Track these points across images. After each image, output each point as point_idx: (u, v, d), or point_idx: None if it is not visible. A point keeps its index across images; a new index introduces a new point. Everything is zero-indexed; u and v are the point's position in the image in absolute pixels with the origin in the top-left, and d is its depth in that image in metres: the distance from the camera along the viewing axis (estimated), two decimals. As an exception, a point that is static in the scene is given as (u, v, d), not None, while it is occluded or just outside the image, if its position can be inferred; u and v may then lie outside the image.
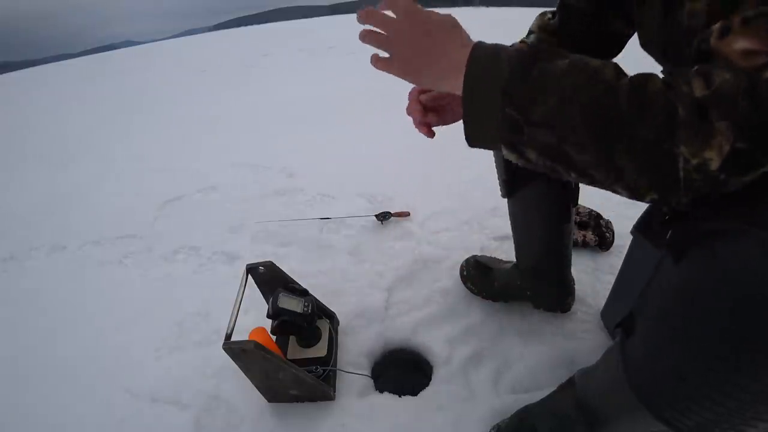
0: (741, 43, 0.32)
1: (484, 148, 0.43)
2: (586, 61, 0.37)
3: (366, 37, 0.45)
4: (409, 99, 0.61)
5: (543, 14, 0.69)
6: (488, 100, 0.38)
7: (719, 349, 0.36)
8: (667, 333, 0.41)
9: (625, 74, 0.36)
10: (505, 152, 0.40)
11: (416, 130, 0.60)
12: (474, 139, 0.42)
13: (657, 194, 0.35)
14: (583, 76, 0.36)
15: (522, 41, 0.69)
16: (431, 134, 0.59)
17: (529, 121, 0.37)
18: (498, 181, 0.90)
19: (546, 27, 0.68)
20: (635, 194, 0.36)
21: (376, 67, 0.46)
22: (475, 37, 0.43)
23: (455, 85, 0.40)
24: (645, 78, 0.34)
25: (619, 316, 0.52)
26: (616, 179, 0.36)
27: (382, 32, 0.44)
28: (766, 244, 0.32)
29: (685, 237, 0.39)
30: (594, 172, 0.37)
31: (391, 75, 0.46)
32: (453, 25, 0.42)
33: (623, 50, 0.68)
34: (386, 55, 0.45)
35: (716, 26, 0.34)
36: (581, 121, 0.35)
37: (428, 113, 0.59)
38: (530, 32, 0.70)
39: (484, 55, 0.39)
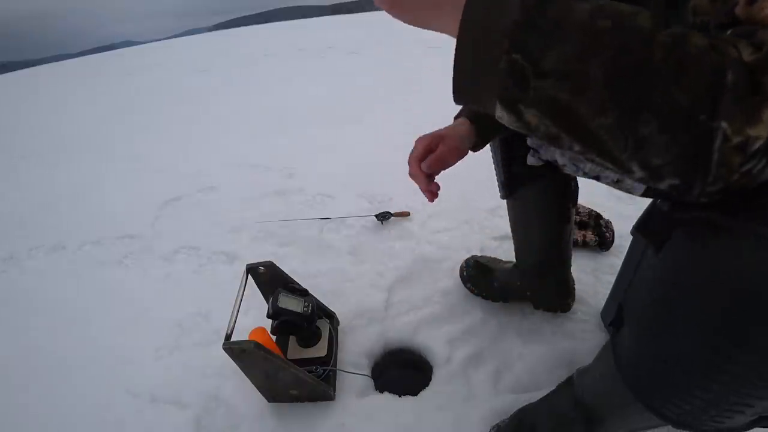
0: None
1: (472, 105, 0.36)
2: (616, 4, 0.30)
3: None
4: (409, 164, 0.66)
5: None
6: (491, 41, 0.31)
7: (702, 335, 0.36)
8: (652, 321, 0.41)
9: (663, 25, 0.29)
10: (499, 113, 0.33)
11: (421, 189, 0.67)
12: (463, 93, 0.34)
13: (679, 178, 0.29)
14: (611, 19, 0.29)
15: None
16: (434, 197, 0.65)
17: (538, 71, 0.30)
18: (497, 182, 0.90)
19: None
20: (653, 175, 0.30)
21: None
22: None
23: (449, 22, 0.33)
24: (686, 32, 0.28)
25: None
26: (634, 152, 0.29)
27: None
28: (760, 239, 0.31)
29: (669, 226, 0.38)
30: (607, 142, 0.30)
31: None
32: None
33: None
34: None
35: None
36: (604, 74, 0.28)
37: (432, 182, 0.65)
38: None
39: None
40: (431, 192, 0.65)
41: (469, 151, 0.72)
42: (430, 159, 0.64)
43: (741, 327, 0.33)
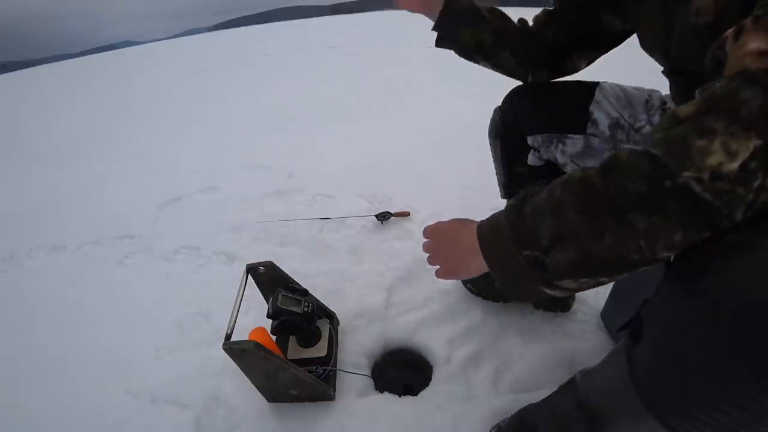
0: (754, 43, 0.31)
1: (526, 298, 0.48)
2: (558, 179, 0.40)
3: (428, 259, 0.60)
4: None
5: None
6: (507, 256, 0.42)
7: (729, 360, 0.35)
8: (679, 344, 0.39)
9: (594, 167, 0.38)
10: (551, 293, 0.42)
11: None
12: (521, 297, 0.47)
13: (707, 230, 0.33)
14: (558, 188, 0.39)
15: (521, 18, 0.74)
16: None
17: (543, 249, 0.39)
18: (497, 183, 0.90)
19: (546, 11, 0.72)
20: (688, 240, 0.34)
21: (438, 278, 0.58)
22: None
23: (482, 264, 0.46)
24: (613, 154, 0.36)
25: (620, 317, 0.51)
26: (653, 242, 0.34)
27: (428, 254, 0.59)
28: None
29: (702, 247, 0.36)
30: (631, 253, 0.35)
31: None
32: (462, 224, 0.53)
33: (626, 53, 0.69)
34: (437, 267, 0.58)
35: (730, 31, 0.33)
36: (580, 216, 0.37)
37: None
38: (536, 16, 0.74)
39: (487, 230, 0.46)
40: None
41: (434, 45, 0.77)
42: None
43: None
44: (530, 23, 0.74)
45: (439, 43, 0.76)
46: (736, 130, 0.30)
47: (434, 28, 0.74)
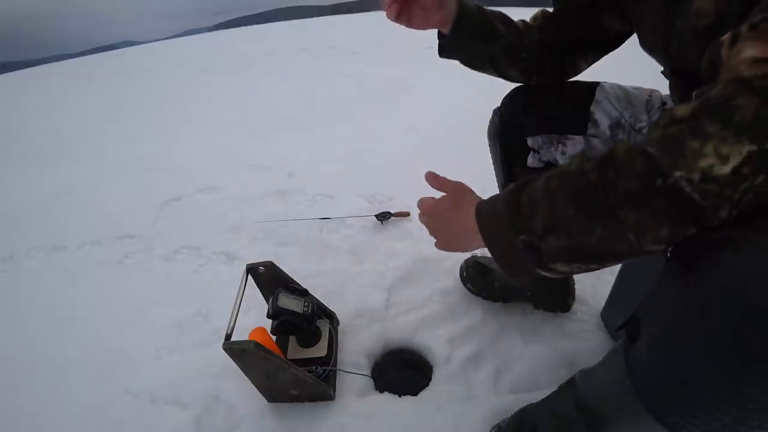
0: (749, 51, 0.31)
1: (525, 277, 0.48)
2: (557, 168, 0.43)
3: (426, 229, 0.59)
4: None
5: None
6: (505, 240, 0.45)
7: (726, 358, 0.35)
8: (674, 342, 0.40)
9: (593, 158, 0.39)
10: (545, 275, 0.45)
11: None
12: (518, 276, 0.48)
13: (693, 226, 0.34)
14: (555, 178, 0.42)
15: (522, 20, 0.73)
16: (391, 13, 0.65)
17: (539, 236, 0.41)
18: (497, 185, 0.90)
19: (545, 13, 0.71)
20: (674, 235, 0.36)
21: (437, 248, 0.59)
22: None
23: (481, 243, 0.48)
24: (611, 148, 0.38)
25: (620, 317, 0.52)
26: (641, 236, 0.36)
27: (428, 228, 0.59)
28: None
29: (694, 246, 0.37)
30: (620, 245, 0.37)
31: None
32: (458, 205, 0.53)
33: (626, 53, 0.69)
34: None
35: (726, 36, 0.34)
36: (573, 210, 0.39)
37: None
38: (534, 17, 0.73)
39: (486, 213, 0.48)
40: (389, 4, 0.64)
41: (438, 55, 0.74)
42: None
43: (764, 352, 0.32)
44: (530, 23, 0.73)
45: (444, 54, 0.74)
46: (728, 134, 0.31)
47: (441, 38, 0.72)
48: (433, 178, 0.59)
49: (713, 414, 0.38)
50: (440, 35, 0.72)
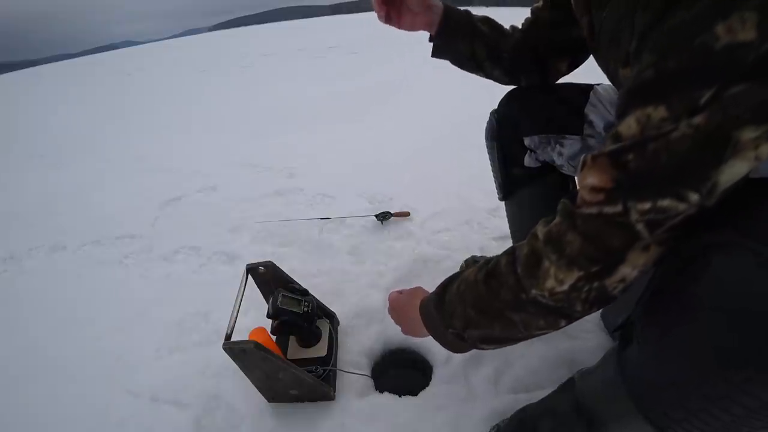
0: (589, 179, 0.38)
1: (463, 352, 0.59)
2: (464, 273, 0.53)
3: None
4: None
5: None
6: (440, 331, 0.57)
7: (715, 362, 0.35)
8: (665, 344, 0.40)
9: (485, 266, 0.50)
10: (479, 350, 0.57)
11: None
12: (460, 352, 0.59)
13: (560, 318, 0.45)
14: (462, 283, 0.53)
15: (512, 25, 0.76)
16: (383, 18, 0.68)
17: (460, 329, 0.53)
18: (495, 185, 0.90)
19: (528, 17, 0.74)
20: (549, 324, 0.46)
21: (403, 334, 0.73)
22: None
23: (427, 334, 0.61)
24: (495, 262, 0.48)
25: (620, 318, 0.52)
26: (528, 328, 0.47)
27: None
28: (760, 256, 0.31)
29: (685, 249, 0.38)
30: (516, 333, 0.49)
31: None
32: (415, 297, 0.65)
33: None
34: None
35: (583, 158, 0.39)
36: (476, 313, 0.50)
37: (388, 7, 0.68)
38: (524, 20, 0.75)
39: (424, 311, 0.60)
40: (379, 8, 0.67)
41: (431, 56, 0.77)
42: None
43: (756, 358, 0.32)
44: (516, 27, 0.75)
45: (435, 53, 0.77)
46: (562, 264, 0.40)
47: (432, 40, 0.74)
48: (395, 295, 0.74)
49: (702, 417, 0.38)
50: (431, 37, 0.74)
